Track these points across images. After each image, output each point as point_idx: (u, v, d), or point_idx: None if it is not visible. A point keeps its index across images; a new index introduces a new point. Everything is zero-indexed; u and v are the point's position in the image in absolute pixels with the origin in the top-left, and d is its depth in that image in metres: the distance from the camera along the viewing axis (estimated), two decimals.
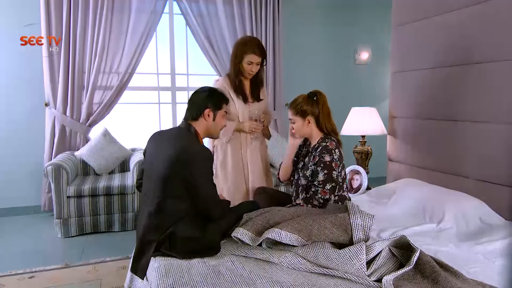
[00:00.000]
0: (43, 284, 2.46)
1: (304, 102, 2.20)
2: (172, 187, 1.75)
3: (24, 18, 3.75)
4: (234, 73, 2.49)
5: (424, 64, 2.77)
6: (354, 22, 5.00)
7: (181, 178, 1.74)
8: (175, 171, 1.73)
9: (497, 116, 2.27)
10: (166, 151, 1.79)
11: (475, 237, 1.98)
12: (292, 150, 2.35)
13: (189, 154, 1.75)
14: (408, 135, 2.96)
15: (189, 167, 1.73)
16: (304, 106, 2.19)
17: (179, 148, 1.77)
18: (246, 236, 1.78)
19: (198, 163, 1.76)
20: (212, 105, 1.92)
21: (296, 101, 2.22)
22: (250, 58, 2.41)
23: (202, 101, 1.91)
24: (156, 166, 1.81)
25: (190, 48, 4.46)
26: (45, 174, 3.29)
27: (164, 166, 1.76)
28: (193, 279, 1.50)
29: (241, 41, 2.51)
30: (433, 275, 1.46)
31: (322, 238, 1.70)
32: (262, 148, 2.68)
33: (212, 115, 1.93)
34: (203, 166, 1.78)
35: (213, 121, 1.94)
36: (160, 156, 1.80)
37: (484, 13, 2.32)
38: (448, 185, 2.50)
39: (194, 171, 1.74)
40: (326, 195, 2.12)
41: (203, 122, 1.92)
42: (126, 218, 3.50)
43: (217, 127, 1.98)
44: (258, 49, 2.42)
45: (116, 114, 4.16)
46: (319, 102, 2.20)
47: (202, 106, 1.91)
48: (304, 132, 2.24)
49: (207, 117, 1.92)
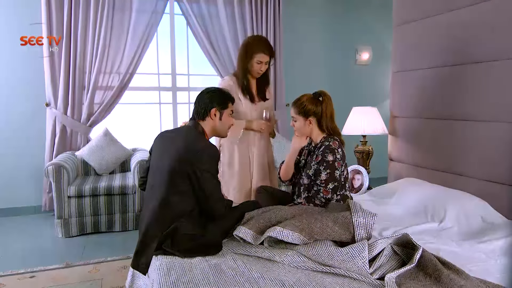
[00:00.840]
0: (44, 284, 2.46)
1: (308, 102, 2.20)
2: (178, 182, 1.77)
3: (24, 18, 3.75)
4: (242, 72, 2.47)
5: (425, 63, 2.77)
6: (355, 22, 5.01)
7: (187, 174, 1.76)
8: (181, 166, 1.76)
9: (498, 115, 2.27)
10: (173, 147, 1.82)
11: (477, 236, 1.98)
12: (294, 151, 2.33)
13: (195, 150, 1.78)
14: (409, 135, 2.96)
15: (195, 163, 1.76)
16: (308, 106, 2.18)
17: (186, 144, 1.80)
18: (248, 235, 1.78)
19: (205, 159, 1.78)
20: (218, 105, 1.95)
21: (300, 100, 2.22)
22: (260, 57, 2.40)
23: (209, 101, 1.94)
24: (163, 162, 1.83)
25: (190, 49, 4.46)
26: (46, 174, 3.29)
27: (170, 162, 1.78)
28: (195, 277, 1.50)
29: (251, 40, 2.49)
30: (436, 273, 1.46)
31: (324, 237, 1.70)
32: (269, 148, 2.68)
33: (219, 114, 1.96)
34: (209, 162, 1.81)
35: (219, 120, 1.97)
36: (167, 152, 1.83)
37: (484, 12, 2.32)
38: (450, 184, 2.50)
39: (200, 166, 1.76)
40: (328, 194, 2.12)
41: (210, 121, 1.96)
42: (127, 218, 3.49)
43: (224, 126, 2.01)
44: (268, 48, 2.42)
45: (117, 114, 4.16)
46: (323, 103, 2.20)
47: (208, 106, 1.94)
48: (305, 131, 2.24)
49: (214, 117, 1.95)
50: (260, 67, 2.43)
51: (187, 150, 1.78)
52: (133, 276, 2.03)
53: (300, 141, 2.29)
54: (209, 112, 1.94)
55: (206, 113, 1.94)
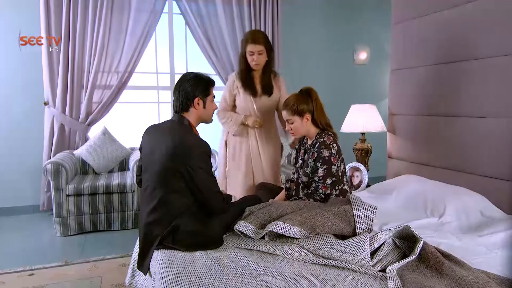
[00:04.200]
0: (43, 281, 2.45)
1: (299, 100, 2.21)
2: (172, 182, 1.76)
3: (24, 18, 3.75)
4: (241, 66, 2.52)
5: (423, 61, 2.78)
6: (353, 22, 5.03)
7: (180, 172, 1.74)
8: (173, 166, 1.74)
9: (496, 111, 2.28)
10: (162, 146, 1.78)
11: (476, 230, 1.99)
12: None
13: (185, 149, 1.75)
14: (407, 132, 2.97)
15: (187, 161, 1.73)
16: (300, 105, 2.20)
17: (175, 142, 1.76)
18: (249, 229, 1.78)
19: (196, 156, 1.76)
20: (201, 93, 1.89)
21: (290, 101, 2.22)
22: (249, 47, 2.44)
23: (190, 91, 1.87)
24: (154, 162, 1.80)
25: (189, 48, 4.47)
26: (45, 172, 3.27)
27: (162, 162, 1.76)
28: (197, 270, 1.50)
29: (243, 35, 2.56)
30: (437, 264, 1.47)
31: (326, 230, 1.70)
32: (274, 144, 2.68)
33: (202, 102, 1.90)
34: (201, 159, 1.78)
35: (203, 108, 1.92)
36: (157, 151, 1.80)
37: (482, 9, 2.33)
38: (448, 180, 2.51)
39: (192, 164, 1.74)
40: (327, 190, 2.13)
41: (194, 111, 1.90)
42: (125, 216, 3.48)
43: (209, 112, 1.96)
44: (256, 37, 2.44)
45: (116, 113, 4.15)
46: (313, 98, 2.22)
47: (190, 96, 1.87)
48: (303, 130, 2.25)
49: (198, 106, 1.89)
50: (253, 58, 2.45)
51: (177, 149, 1.74)
52: (133, 273, 2.03)
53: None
54: (192, 102, 1.89)
55: (189, 104, 1.88)
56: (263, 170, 2.61)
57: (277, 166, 2.72)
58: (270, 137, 2.65)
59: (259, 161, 2.59)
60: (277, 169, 2.71)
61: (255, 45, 2.43)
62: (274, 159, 2.68)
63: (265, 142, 2.61)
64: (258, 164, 2.60)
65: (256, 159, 2.59)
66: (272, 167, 2.67)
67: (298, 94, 2.25)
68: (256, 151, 2.58)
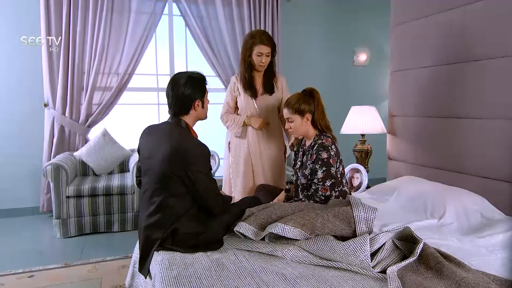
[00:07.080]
0: (43, 283, 2.44)
1: (301, 100, 2.21)
2: (172, 186, 1.75)
3: (24, 18, 3.75)
4: (243, 67, 2.51)
5: (423, 62, 2.79)
6: (352, 24, 5.03)
7: (179, 176, 1.73)
8: (172, 170, 1.73)
9: (496, 112, 2.28)
10: (161, 151, 1.76)
11: (477, 231, 1.99)
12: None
13: (184, 154, 1.73)
14: (407, 133, 2.97)
15: (186, 166, 1.73)
16: (302, 104, 2.20)
17: (172, 148, 1.74)
18: (249, 231, 1.77)
19: (195, 159, 1.75)
20: (199, 94, 1.88)
21: (292, 100, 2.23)
22: (259, 49, 2.42)
23: (188, 95, 1.83)
24: (153, 165, 1.80)
25: (189, 49, 4.47)
26: (45, 173, 3.27)
27: (161, 166, 1.75)
28: (197, 271, 1.50)
29: (249, 34, 2.52)
30: (437, 265, 1.47)
31: (325, 232, 1.70)
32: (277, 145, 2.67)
33: (201, 103, 1.90)
34: (200, 162, 1.77)
35: (202, 108, 1.92)
36: (156, 154, 1.79)
37: (482, 11, 2.34)
38: (448, 182, 2.51)
39: (192, 169, 1.73)
40: (327, 192, 2.13)
41: (193, 113, 1.89)
42: (125, 218, 3.48)
43: (205, 110, 1.96)
44: (267, 39, 2.43)
45: (116, 115, 4.15)
46: (315, 99, 2.22)
47: (189, 100, 1.85)
48: (302, 130, 2.25)
49: (197, 107, 1.88)
50: (261, 59, 2.45)
51: (175, 154, 1.72)
52: (133, 274, 2.03)
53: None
54: (192, 105, 1.86)
55: (190, 107, 1.86)
56: (263, 171, 2.60)
57: (280, 166, 2.70)
58: (274, 136, 2.64)
59: (259, 161, 2.59)
60: (279, 169, 2.70)
61: (265, 47, 2.42)
62: (276, 160, 2.67)
63: (266, 142, 2.61)
64: (258, 164, 2.59)
65: (256, 159, 2.59)
66: (274, 168, 2.66)
67: (301, 94, 2.25)
68: (256, 151, 2.58)
